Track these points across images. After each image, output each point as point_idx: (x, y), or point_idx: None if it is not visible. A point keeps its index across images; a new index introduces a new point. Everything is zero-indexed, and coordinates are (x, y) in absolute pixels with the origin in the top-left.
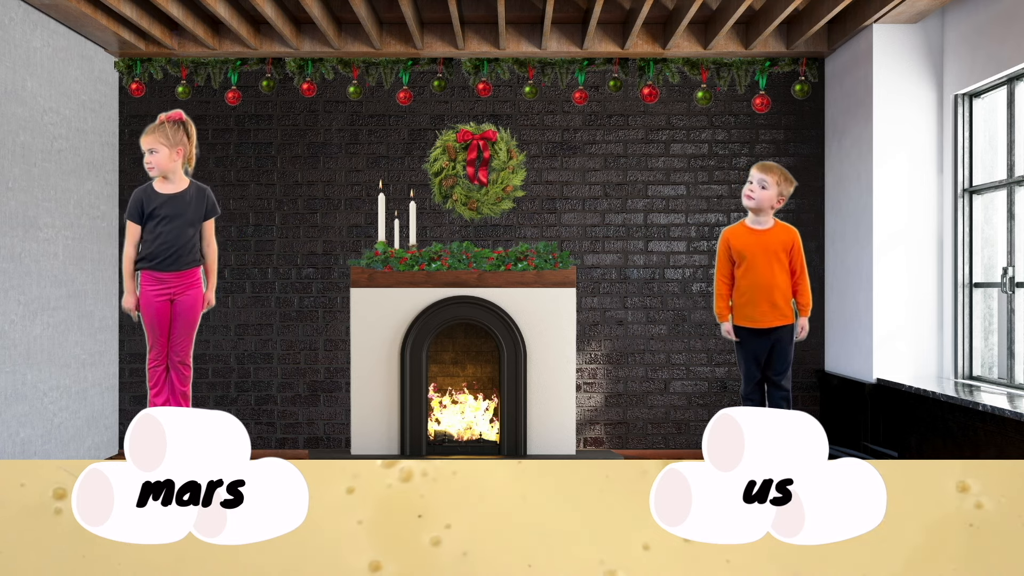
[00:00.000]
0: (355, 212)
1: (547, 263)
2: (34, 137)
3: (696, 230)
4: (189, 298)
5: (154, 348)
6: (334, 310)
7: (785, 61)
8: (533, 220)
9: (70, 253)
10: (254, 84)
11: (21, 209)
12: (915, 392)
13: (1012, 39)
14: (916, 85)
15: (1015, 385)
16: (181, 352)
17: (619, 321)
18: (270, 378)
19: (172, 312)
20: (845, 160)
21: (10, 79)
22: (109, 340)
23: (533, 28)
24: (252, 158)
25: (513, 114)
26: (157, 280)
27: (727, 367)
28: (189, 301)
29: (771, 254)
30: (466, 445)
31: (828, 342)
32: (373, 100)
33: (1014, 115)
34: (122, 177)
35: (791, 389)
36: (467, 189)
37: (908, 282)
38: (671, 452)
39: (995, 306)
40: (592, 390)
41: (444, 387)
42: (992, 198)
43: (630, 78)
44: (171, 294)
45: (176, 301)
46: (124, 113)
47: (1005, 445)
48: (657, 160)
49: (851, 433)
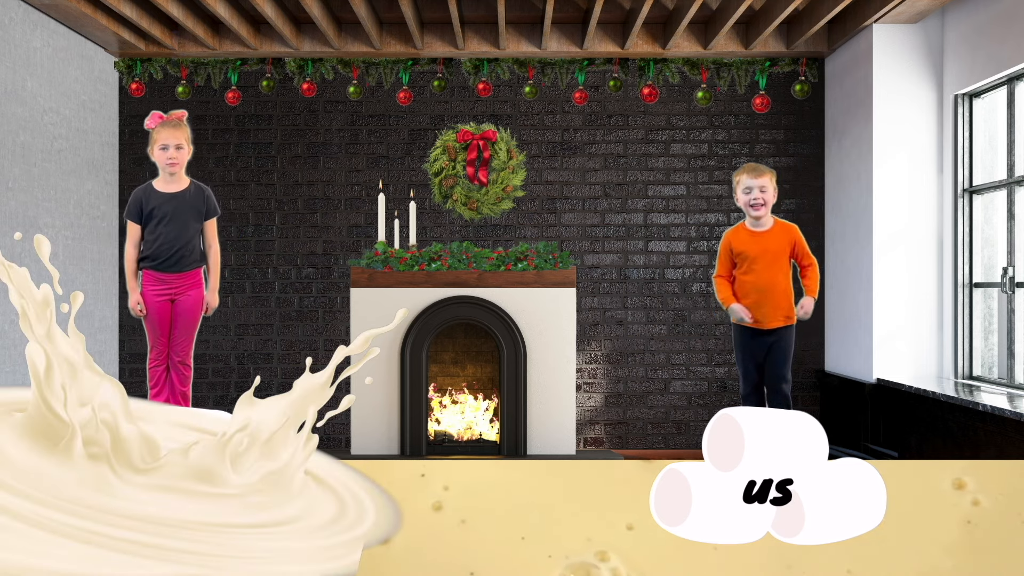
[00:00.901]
0: (355, 212)
1: (547, 263)
2: (34, 137)
3: (696, 230)
4: (190, 299)
5: (155, 348)
6: (334, 310)
7: (785, 61)
8: (533, 220)
9: (70, 253)
10: (254, 84)
11: (21, 209)
12: (915, 392)
13: (1012, 39)
14: (916, 85)
15: (1015, 385)
16: (182, 352)
17: (619, 321)
18: (270, 378)
19: (173, 312)
20: (845, 160)
21: (10, 79)
22: (109, 340)
23: (533, 28)
24: (252, 158)
25: (513, 114)
26: (158, 280)
27: (727, 367)
28: (190, 302)
29: (773, 256)
30: (466, 445)
31: (828, 342)
32: (373, 100)
33: (1014, 115)
34: (122, 177)
35: (790, 393)
36: (467, 189)
37: (908, 282)
38: (671, 452)
39: (995, 306)
40: (592, 390)
41: (444, 387)
42: (992, 198)
43: (630, 78)
44: (172, 294)
45: (177, 301)
46: (124, 113)
47: (1005, 445)
48: (657, 160)
49: (851, 433)
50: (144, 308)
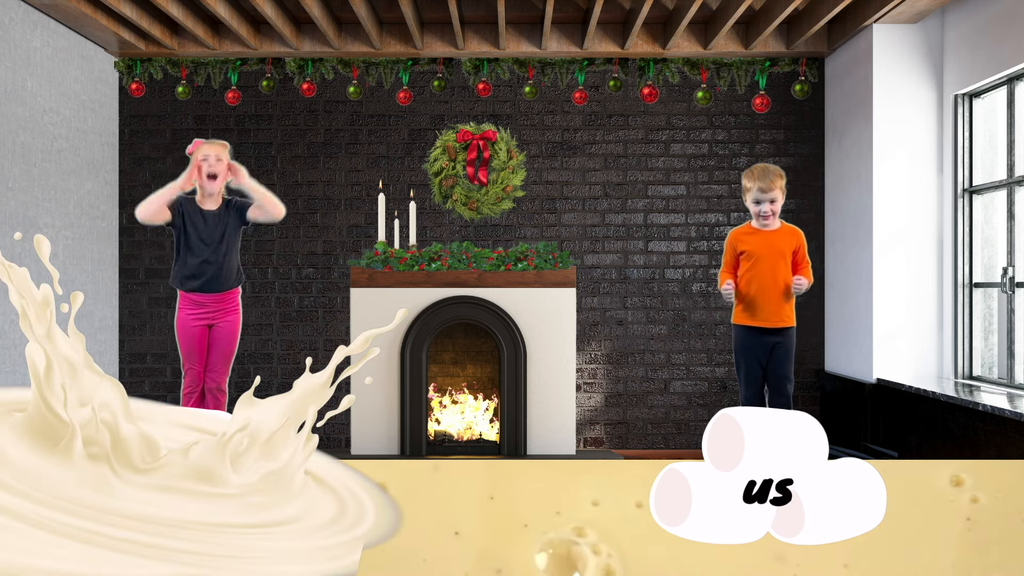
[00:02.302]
0: (355, 212)
1: (547, 263)
2: (34, 137)
3: (696, 230)
4: (228, 324)
5: (189, 374)
6: (334, 310)
7: (785, 61)
8: (533, 220)
9: (70, 253)
10: (254, 84)
11: (21, 209)
12: (915, 392)
13: (1012, 39)
14: (916, 85)
15: (1015, 385)
16: (218, 378)
17: (619, 321)
18: (270, 378)
19: (210, 338)
20: (845, 160)
21: (10, 79)
22: (109, 340)
23: (533, 28)
24: (252, 158)
25: (513, 114)
26: (196, 304)
27: (727, 367)
28: (228, 327)
29: (778, 254)
30: (466, 445)
31: (828, 342)
32: (373, 100)
33: (1014, 115)
34: (122, 177)
35: (791, 394)
36: (467, 189)
37: (908, 282)
38: (671, 452)
39: (995, 306)
40: (592, 390)
41: (444, 387)
42: (992, 198)
43: (630, 78)
44: (210, 319)
45: (215, 327)
46: (124, 113)
47: (1005, 445)
48: (657, 160)
49: (851, 433)
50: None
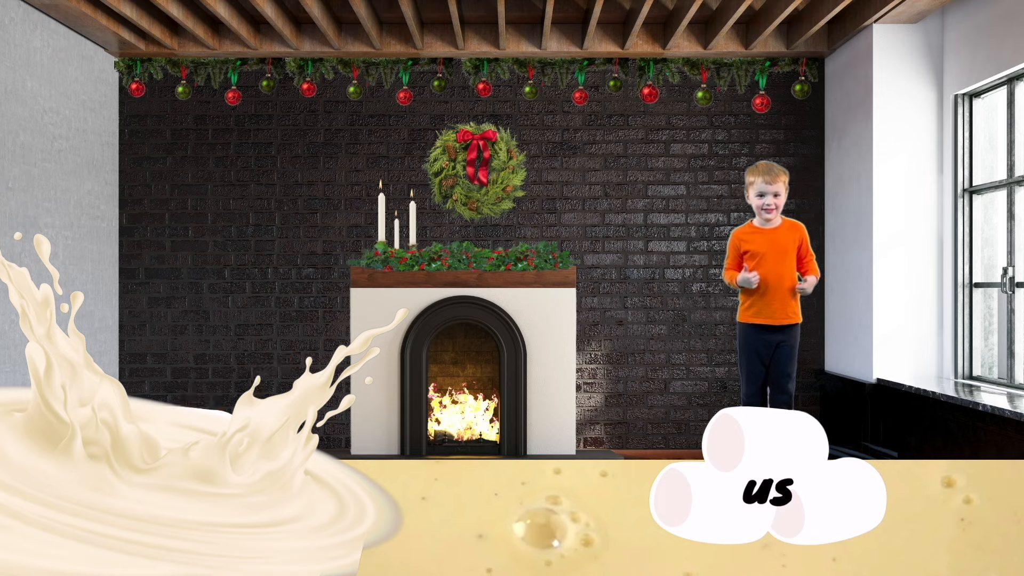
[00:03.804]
0: (355, 212)
1: (547, 263)
2: (34, 137)
3: (696, 230)
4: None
5: None
6: (334, 310)
7: (785, 61)
8: (533, 220)
9: (70, 253)
10: (254, 84)
11: (21, 209)
12: (915, 392)
13: (1012, 39)
14: (916, 85)
15: (1015, 385)
16: None
17: (619, 321)
18: (270, 378)
19: None
20: (845, 160)
21: (10, 79)
22: (109, 340)
23: (533, 28)
24: (252, 158)
25: (513, 114)
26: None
27: (727, 367)
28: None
29: (782, 251)
30: (466, 445)
31: (828, 342)
32: (373, 100)
33: (1014, 115)
34: (122, 177)
35: (793, 393)
36: (467, 189)
37: (908, 282)
38: (671, 452)
39: (995, 306)
40: (592, 390)
41: (444, 387)
42: (992, 198)
43: (630, 78)
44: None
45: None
46: (124, 113)
47: (1005, 445)
48: (657, 160)
49: (851, 433)
50: None
